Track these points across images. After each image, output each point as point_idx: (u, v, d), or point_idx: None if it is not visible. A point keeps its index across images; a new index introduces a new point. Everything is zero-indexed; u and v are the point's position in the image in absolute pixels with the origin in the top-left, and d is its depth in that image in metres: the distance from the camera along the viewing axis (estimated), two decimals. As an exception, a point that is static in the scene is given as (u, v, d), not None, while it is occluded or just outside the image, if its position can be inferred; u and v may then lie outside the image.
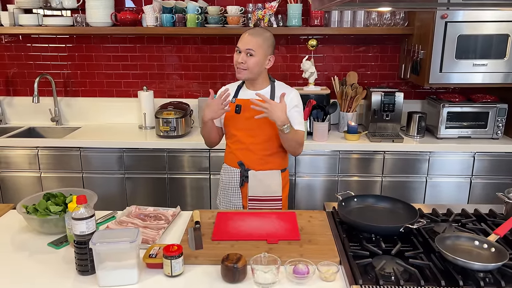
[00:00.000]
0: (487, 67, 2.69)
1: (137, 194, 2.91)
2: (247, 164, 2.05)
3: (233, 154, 2.08)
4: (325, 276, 1.30)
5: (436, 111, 2.91)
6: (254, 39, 1.93)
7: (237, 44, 1.96)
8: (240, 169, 2.06)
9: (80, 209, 1.30)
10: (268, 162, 2.06)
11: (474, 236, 1.43)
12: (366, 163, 2.82)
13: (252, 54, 1.92)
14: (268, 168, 2.06)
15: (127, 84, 3.34)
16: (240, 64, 1.94)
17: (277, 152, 2.07)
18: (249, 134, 2.03)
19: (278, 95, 1.97)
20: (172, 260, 1.30)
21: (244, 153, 2.05)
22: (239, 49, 1.95)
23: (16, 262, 1.41)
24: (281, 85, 2.08)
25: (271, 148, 2.05)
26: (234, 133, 2.06)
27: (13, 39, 3.27)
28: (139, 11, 3.11)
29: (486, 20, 2.61)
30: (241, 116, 2.01)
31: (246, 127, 2.02)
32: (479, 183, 2.82)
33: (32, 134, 3.26)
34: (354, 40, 3.19)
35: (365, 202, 1.72)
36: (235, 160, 2.07)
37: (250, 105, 1.89)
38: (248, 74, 1.96)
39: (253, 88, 2.04)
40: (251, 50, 1.92)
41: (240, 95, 2.06)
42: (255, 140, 2.03)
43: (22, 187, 2.92)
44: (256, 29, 2.01)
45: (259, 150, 2.04)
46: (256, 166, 2.05)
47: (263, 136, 2.02)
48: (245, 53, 1.93)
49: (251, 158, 2.05)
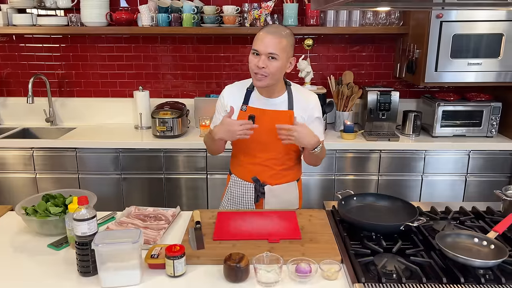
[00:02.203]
0: (481, 66, 2.71)
1: (134, 194, 2.90)
2: (262, 179, 1.85)
3: (245, 168, 1.87)
4: (328, 275, 1.31)
5: (431, 110, 2.93)
6: (276, 40, 1.64)
7: (254, 46, 1.67)
8: (255, 184, 1.85)
9: (81, 210, 1.29)
10: (285, 175, 1.88)
11: (473, 234, 1.44)
12: (363, 161, 2.83)
13: (276, 58, 1.65)
14: (284, 182, 1.88)
15: (123, 84, 3.33)
16: (261, 70, 1.66)
17: (294, 165, 1.90)
18: (264, 149, 1.81)
19: (296, 102, 1.79)
20: (174, 260, 1.30)
21: (258, 168, 1.84)
22: (257, 51, 1.66)
23: (17, 264, 1.40)
24: (298, 89, 1.85)
25: (288, 162, 1.87)
26: (246, 146, 1.83)
27: (6, 39, 3.24)
28: (135, 10, 3.10)
29: (480, 20, 2.64)
30: (255, 128, 1.72)
31: (261, 140, 1.79)
32: (474, 181, 2.85)
33: (27, 135, 3.23)
34: (350, 39, 3.21)
35: (364, 201, 1.73)
36: (248, 175, 1.86)
37: (265, 116, 1.72)
38: (269, 81, 1.69)
39: (268, 95, 1.79)
40: (274, 54, 1.65)
41: (252, 103, 1.81)
42: (272, 156, 1.82)
43: (17, 189, 2.90)
44: (276, 27, 1.71)
45: (276, 165, 1.84)
46: (272, 181, 1.85)
47: (280, 151, 1.82)
48: (267, 56, 1.65)
49: (267, 174, 1.84)
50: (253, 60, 1.68)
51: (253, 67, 1.68)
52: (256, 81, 1.72)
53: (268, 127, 1.75)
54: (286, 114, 1.79)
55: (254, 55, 1.68)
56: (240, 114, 1.80)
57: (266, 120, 1.76)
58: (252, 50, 1.69)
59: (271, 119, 1.77)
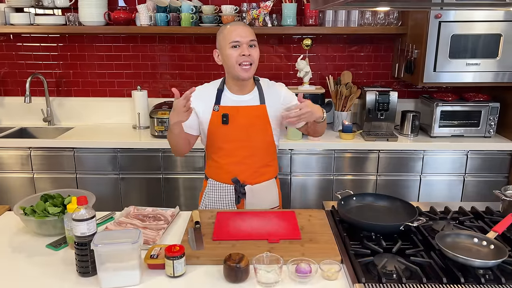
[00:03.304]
0: (479, 66, 2.72)
1: (132, 194, 2.89)
2: (242, 179, 1.84)
3: (223, 170, 1.85)
4: (328, 275, 1.31)
5: (429, 110, 2.94)
6: (249, 28, 1.73)
7: (232, 38, 1.68)
8: (235, 185, 1.84)
9: (80, 210, 1.29)
10: (264, 173, 1.88)
11: (473, 234, 1.44)
12: (361, 162, 2.83)
13: (255, 45, 1.73)
14: (263, 180, 1.88)
15: (120, 83, 3.31)
16: (248, 58, 1.69)
17: (272, 160, 1.91)
18: (241, 146, 1.81)
19: (267, 95, 1.83)
20: (174, 261, 1.29)
21: (237, 167, 1.83)
22: (238, 42, 1.69)
23: (15, 265, 1.39)
24: (265, 82, 1.89)
25: (267, 158, 1.88)
26: (223, 146, 1.82)
27: (4, 38, 3.22)
28: (133, 10, 3.09)
29: (478, 20, 2.64)
30: (230, 126, 1.77)
31: (238, 138, 1.80)
32: (472, 181, 2.86)
33: (24, 135, 3.21)
34: (348, 39, 3.21)
35: (364, 201, 1.73)
36: (227, 176, 1.84)
37: (239, 114, 1.74)
38: (253, 70, 1.74)
39: (240, 93, 1.81)
40: (254, 41, 1.72)
41: (224, 102, 1.80)
42: (250, 152, 1.82)
43: (14, 188, 2.88)
44: (237, 22, 1.85)
45: (255, 162, 1.84)
46: (251, 180, 1.85)
47: (258, 146, 1.83)
48: (247, 45, 1.70)
49: (246, 173, 1.84)
50: (235, 52, 1.70)
51: (237, 58, 1.69)
52: (242, 73, 1.72)
53: (243, 124, 1.78)
54: (259, 109, 1.82)
55: (234, 48, 1.70)
56: (213, 114, 1.80)
57: (241, 117, 1.79)
58: (231, 44, 1.69)
59: (245, 115, 1.80)
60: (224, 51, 1.73)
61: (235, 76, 1.76)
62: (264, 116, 1.82)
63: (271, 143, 1.87)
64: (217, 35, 1.78)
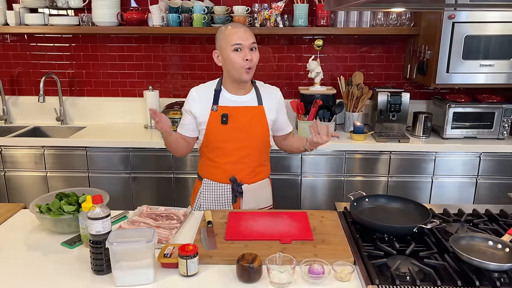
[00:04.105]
0: (493, 68, 2.69)
1: (143, 193, 2.91)
2: (239, 179, 1.87)
3: (220, 169, 1.87)
4: (341, 276, 1.31)
5: (442, 111, 2.92)
6: (249, 31, 1.74)
7: (235, 41, 1.70)
8: (233, 184, 1.87)
9: (96, 209, 1.30)
10: (259, 173, 1.92)
11: (488, 237, 1.43)
12: (372, 163, 2.82)
13: (256, 48, 1.75)
14: (258, 179, 1.92)
15: (132, 83, 3.34)
16: (250, 62, 1.72)
17: (266, 159, 1.96)
18: (240, 146, 1.83)
19: (264, 96, 1.87)
20: (187, 260, 1.30)
21: (234, 167, 1.86)
22: (241, 45, 1.70)
23: (30, 262, 1.41)
24: (262, 86, 1.92)
25: (263, 158, 1.92)
26: (221, 145, 1.84)
27: (18, 38, 3.26)
28: (145, 10, 3.11)
29: (493, 21, 2.62)
30: (229, 126, 1.79)
31: (237, 138, 1.82)
32: (484, 183, 2.83)
33: (38, 134, 3.25)
34: (360, 40, 3.20)
35: (376, 202, 1.72)
36: (225, 176, 1.86)
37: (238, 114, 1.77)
38: (253, 71, 1.77)
39: (238, 92, 1.83)
40: (255, 44, 1.74)
41: (223, 102, 1.82)
42: (248, 152, 1.85)
43: (28, 187, 2.92)
44: (238, 23, 1.80)
45: (252, 161, 1.87)
46: (248, 180, 1.88)
47: (256, 146, 1.86)
48: (249, 48, 1.72)
49: (243, 172, 1.87)
50: (238, 56, 1.71)
51: (241, 62, 1.72)
52: (245, 75, 1.74)
53: (243, 124, 1.81)
54: (257, 110, 1.86)
55: (236, 51, 1.71)
56: (211, 114, 1.81)
57: (240, 117, 1.81)
58: (233, 46, 1.70)
59: (244, 115, 1.83)
60: (226, 53, 1.74)
61: (236, 78, 1.78)
62: (262, 117, 1.86)
63: (267, 143, 1.91)
64: (217, 35, 1.79)
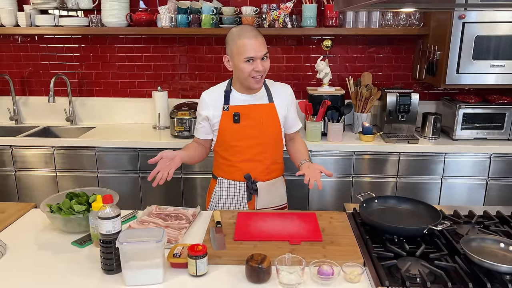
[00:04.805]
0: (504, 68, 2.67)
1: (152, 193, 2.92)
2: (253, 176, 1.88)
3: (235, 167, 1.88)
4: (350, 278, 1.30)
5: (451, 112, 2.89)
6: (261, 40, 1.72)
7: (246, 54, 1.69)
8: (247, 182, 1.88)
9: (106, 209, 1.31)
10: (274, 170, 1.93)
11: (499, 239, 1.42)
12: (381, 164, 2.81)
13: (267, 56, 1.76)
14: (273, 177, 1.93)
15: (141, 84, 3.36)
16: (260, 72, 1.74)
17: (280, 157, 1.96)
18: (254, 144, 1.85)
19: (274, 94, 1.88)
20: (197, 260, 1.30)
21: (249, 164, 1.87)
22: (251, 58, 1.70)
23: (41, 261, 1.42)
24: (272, 84, 1.93)
25: (276, 155, 1.93)
26: (234, 144, 1.85)
27: (29, 39, 3.30)
28: (154, 11, 3.12)
29: (503, 21, 2.59)
30: (241, 125, 1.81)
31: (250, 135, 1.83)
32: (495, 184, 2.80)
33: (48, 134, 3.28)
34: (368, 40, 3.19)
35: (386, 204, 1.71)
36: (239, 174, 1.88)
37: (250, 111, 1.78)
38: (263, 79, 1.80)
39: (248, 92, 1.84)
40: (266, 54, 1.75)
41: (233, 102, 1.84)
42: (261, 149, 1.86)
43: (38, 186, 2.94)
44: (249, 29, 1.74)
45: (266, 159, 1.88)
46: (262, 177, 1.89)
47: (269, 143, 1.88)
48: (261, 58, 1.72)
49: (257, 169, 1.88)
50: (249, 67, 1.72)
51: (251, 73, 1.73)
52: (254, 84, 1.77)
53: (255, 121, 1.82)
54: (269, 107, 1.87)
55: (248, 62, 1.71)
56: (223, 115, 1.83)
57: (251, 115, 1.82)
58: (245, 59, 1.70)
59: (256, 113, 1.84)
60: (237, 62, 1.74)
61: (246, 86, 1.81)
62: (274, 114, 1.87)
63: (280, 140, 1.92)
64: (228, 40, 1.78)
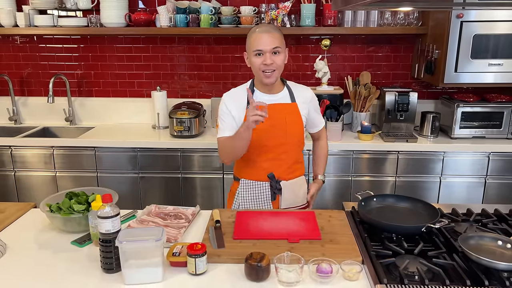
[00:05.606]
0: (502, 67, 2.68)
1: (151, 193, 2.93)
2: (276, 176, 1.88)
3: (258, 167, 1.89)
4: (349, 276, 1.31)
5: (450, 111, 2.90)
6: (274, 35, 1.75)
7: (256, 47, 1.74)
8: (271, 181, 1.89)
9: (105, 208, 1.31)
10: (296, 169, 1.94)
11: (497, 236, 1.42)
12: (380, 163, 2.82)
13: (279, 51, 1.76)
14: (295, 176, 1.94)
15: (140, 84, 3.36)
16: (270, 66, 1.75)
17: (301, 157, 1.98)
18: (277, 143, 1.86)
19: (297, 95, 1.90)
20: (196, 259, 1.31)
21: (272, 164, 1.87)
22: (260, 51, 1.74)
23: (41, 260, 1.42)
24: (294, 85, 1.95)
25: (298, 154, 1.94)
26: (258, 144, 1.85)
27: (28, 39, 3.30)
28: (153, 11, 3.13)
29: (501, 20, 2.60)
30: (265, 124, 1.76)
31: (273, 135, 1.85)
32: (493, 183, 2.81)
33: (47, 134, 3.29)
34: (367, 39, 3.19)
35: (384, 202, 1.72)
36: (263, 173, 1.88)
37: (274, 110, 1.77)
38: (277, 75, 1.80)
39: (270, 92, 1.86)
40: (278, 48, 1.75)
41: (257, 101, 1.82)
42: (284, 149, 1.87)
43: (37, 186, 2.95)
44: (265, 25, 1.81)
45: (289, 158, 1.89)
46: (285, 176, 1.90)
47: (292, 143, 1.88)
48: (271, 52, 1.74)
49: (280, 169, 1.89)
50: (258, 60, 1.77)
51: (260, 66, 1.77)
52: (265, 79, 1.79)
53: (277, 121, 1.83)
54: (291, 106, 1.89)
55: (257, 56, 1.76)
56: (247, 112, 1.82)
57: (275, 114, 1.81)
58: (254, 52, 1.76)
59: (280, 112, 1.85)
60: (249, 56, 1.82)
61: (259, 81, 1.85)
62: (297, 113, 1.89)
63: (302, 139, 1.93)
64: (247, 39, 1.83)
